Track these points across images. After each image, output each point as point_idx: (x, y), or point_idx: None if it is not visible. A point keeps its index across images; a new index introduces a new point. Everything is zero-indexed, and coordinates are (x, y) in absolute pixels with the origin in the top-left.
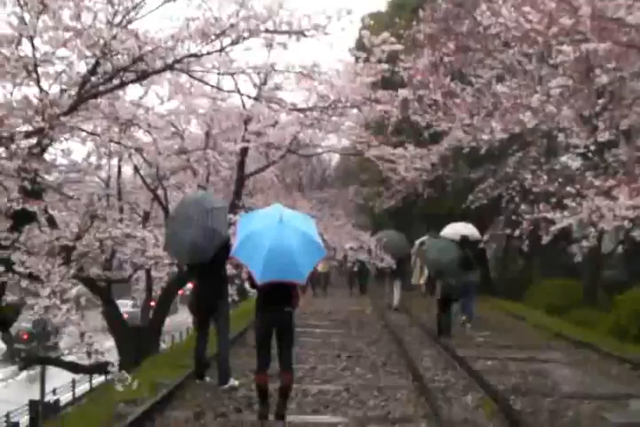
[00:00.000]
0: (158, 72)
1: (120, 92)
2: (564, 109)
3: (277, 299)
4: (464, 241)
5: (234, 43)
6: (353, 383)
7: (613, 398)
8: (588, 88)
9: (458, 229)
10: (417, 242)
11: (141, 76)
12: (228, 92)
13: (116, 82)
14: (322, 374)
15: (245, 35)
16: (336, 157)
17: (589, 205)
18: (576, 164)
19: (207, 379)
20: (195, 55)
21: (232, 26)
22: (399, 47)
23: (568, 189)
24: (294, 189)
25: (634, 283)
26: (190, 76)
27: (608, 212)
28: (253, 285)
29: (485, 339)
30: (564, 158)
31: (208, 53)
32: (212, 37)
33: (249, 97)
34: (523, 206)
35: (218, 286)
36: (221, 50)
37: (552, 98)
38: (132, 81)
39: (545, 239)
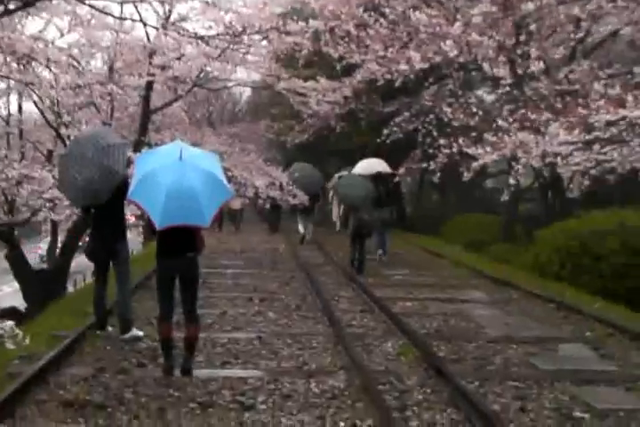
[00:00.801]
0: None
1: (18, 26)
2: (485, 39)
3: (179, 243)
4: (377, 177)
5: None
6: (266, 330)
7: (540, 342)
8: (511, 16)
9: (371, 165)
10: (335, 177)
11: (26, 3)
12: (133, 20)
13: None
14: (232, 320)
15: None
16: (247, 92)
17: (513, 140)
18: (490, 97)
19: (109, 329)
20: None
21: None
22: None
23: (490, 123)
24: (204, 124)
25: (551, 217)
26: (90, 5)
27: (535, 147)
28: (153, 229)
29: (404, 277)
30: (479, 92)
31: None
32: None
33: (154, 27)
34: (441, 141)
35: (116, 229)
36: None
37: (472, 28)
38: (18, 8)
39: (466, 176)
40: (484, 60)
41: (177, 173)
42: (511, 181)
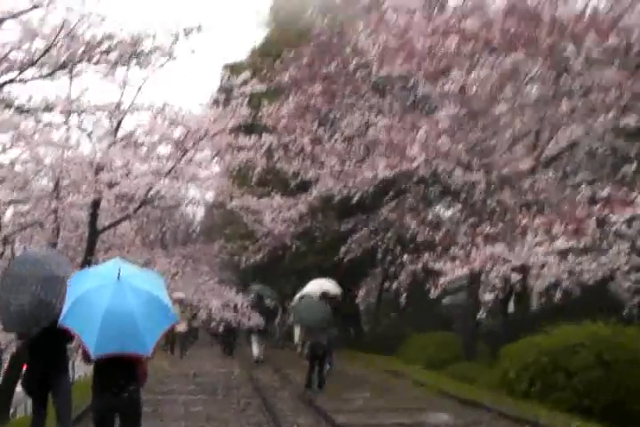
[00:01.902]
0: None
1: None
2: (453, 147)
3: (118, 376)
4: (324, 297)
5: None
6: None
7: None
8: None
9: (320, 285)
10: (295, 298)
11: None
12: (82, 131)
13: None
14: None
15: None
16: (201, 212)
17: (483, 253)
18: (448, 213)
19: None
20: (13, 81)
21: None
22: (262, 88)
23: (456, 237)
24: (157, 245)
25: (513, 332)
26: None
27: (515, 259)
28: (88, 359)
29: (365, 401)
30: (437, 208)
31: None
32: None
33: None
34: (405, 257)
35: (54, 359)
36: (49, 74)
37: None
38: None
39: (433, 293)
40: (443, 173)
41: (114, 296)
42: (487, 296)
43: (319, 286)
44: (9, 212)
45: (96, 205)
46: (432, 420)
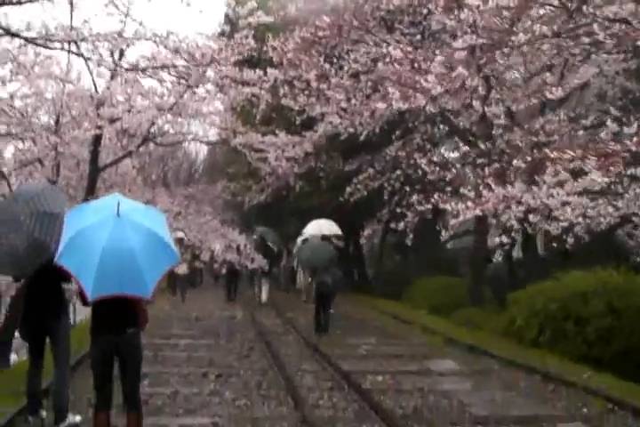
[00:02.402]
0: None
1: None
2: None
3: (117, 317)
4: (325, 238)
5: None
6: (222, 414)
7: (535, 423)
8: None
9: (320, 226)
10: (298, 241)
11: None
12: (86, 59)
13: None
14: (185, 400)
15: None
16: (204, 151)
17: (496, 194)
18: (454, 155)
19: (43, 414)
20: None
21: None
22: (268, 20)
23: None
24: (159, 184)
25: (518, 278)
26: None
27: (532, 199)
28: (85, 301)
29: (371, 347)
30: (442, 149)
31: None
32: None
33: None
34: (414, 197)
35: (51, 303)
36: None
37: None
38: None
39: (444, 235)
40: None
41: (113, 232)
42: (498, 239)
43: (319, 226)
44: (9, 149)
45: (97, 141)
46: (440, 368)
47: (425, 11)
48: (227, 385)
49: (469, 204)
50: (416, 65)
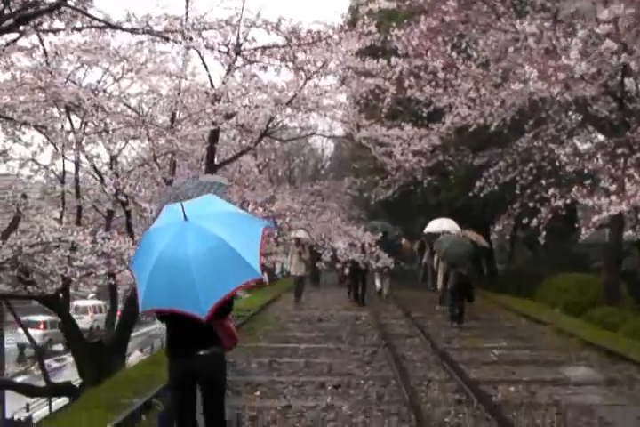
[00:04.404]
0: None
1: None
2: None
3: (190, 336)
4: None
5: None
6: None
7: None
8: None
9: (440, 224)
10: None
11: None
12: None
13: None
14: (297, 417)
15: None
16: (331, 147)
17: None
18: (585, 146)
19: None
20: None
21: None
22: (390, 5)
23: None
24: (284, 181)
25: None
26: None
27: None
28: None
29: (502, 351)
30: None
31: None
32: None
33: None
34: (551, 190)
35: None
36: None
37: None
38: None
39: (584, 233)
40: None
41: (174, 237)
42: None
43: (439, 224)
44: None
45: (214, 138)
46: (577, 376)
47: None
48: (345, 398)
49: (614, 198)
50: (554, 42)
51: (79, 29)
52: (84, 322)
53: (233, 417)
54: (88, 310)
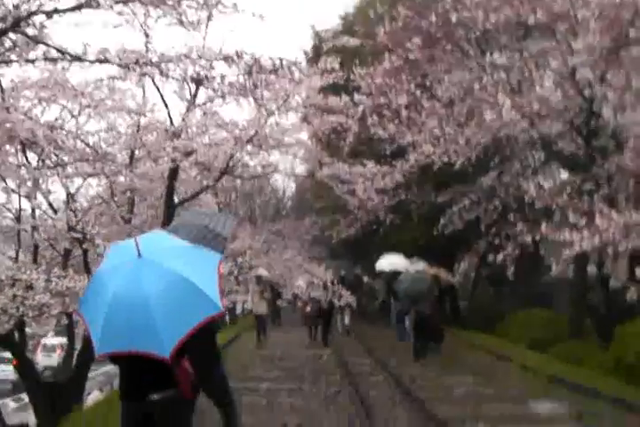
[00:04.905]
0: None
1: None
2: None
3: (142, 379)
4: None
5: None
6: None
7: None
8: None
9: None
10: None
11: None
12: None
13: None
14: None
15: None
16: (292, 187)
17: (618, 222)
18: (548, 184)
19: None
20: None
21: None
22: (355, 42)
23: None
24: (245, 221)
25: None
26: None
27: None
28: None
29: (467, 388)
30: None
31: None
32: None
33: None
34: (518, 227)
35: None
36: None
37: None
38: None
39: (554, 270)
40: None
41: (127, 276)
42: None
43: (389, 264)
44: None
45: (173, 175)
46: (545, 410)
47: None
48: None
49: (585, 233)
50: (526, 74)
51: (32, 61)
52: (51, 360)
53: None
54: (56, 348)
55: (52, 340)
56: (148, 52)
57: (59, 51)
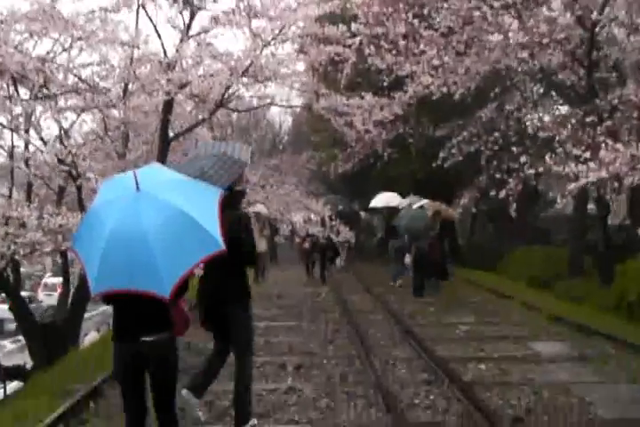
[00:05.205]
0: None
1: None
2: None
3: (137, 320)
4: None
5: None
6: (300, 419)
7: None
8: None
9: (383, 199)
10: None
11: None
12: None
13: None
14: (257, 401)
15: None
16: (288, 121)
17: (624, 154)
18: (548, 118)
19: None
20: None
21: None
22: None
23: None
24: None
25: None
26: None
27: None
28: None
29: (469, 327)
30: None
31: None
32: None
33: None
34: (522, 158)
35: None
36: None
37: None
38: None
39: (559, 202)
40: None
41: (126, 210)
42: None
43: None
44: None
45: (168, 108)
46: (549, 352)
47: None
48: (307, 380)
49: (592, 165)
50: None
51: None
52: (53, 299)
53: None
54: (57, 287)
55: (53, 279)
56: None
57: None
